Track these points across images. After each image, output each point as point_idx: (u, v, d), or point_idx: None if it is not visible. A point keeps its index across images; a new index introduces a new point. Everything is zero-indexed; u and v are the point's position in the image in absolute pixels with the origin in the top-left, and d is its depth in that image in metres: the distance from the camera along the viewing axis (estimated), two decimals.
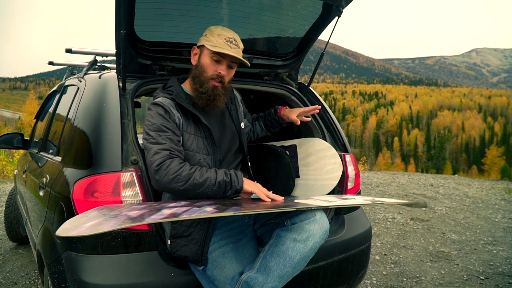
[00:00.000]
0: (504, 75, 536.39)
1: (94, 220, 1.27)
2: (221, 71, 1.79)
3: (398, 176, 9.68)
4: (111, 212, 1.36)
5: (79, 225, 1.23)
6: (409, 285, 3.17)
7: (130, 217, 1.26)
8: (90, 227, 1.19)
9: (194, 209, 1.34)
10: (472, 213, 5.70)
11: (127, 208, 1.42)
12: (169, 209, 1.35)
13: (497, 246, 4.23)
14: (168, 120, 1.71)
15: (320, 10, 2.27)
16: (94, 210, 1.46)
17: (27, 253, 3.87)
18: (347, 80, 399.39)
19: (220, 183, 1.60)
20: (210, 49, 1.75)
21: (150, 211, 1.34)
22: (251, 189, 1.63)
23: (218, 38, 1.76)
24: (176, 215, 1.26)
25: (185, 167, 1.60)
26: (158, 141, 1.65)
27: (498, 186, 8.43)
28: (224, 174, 1.63)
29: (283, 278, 1.47)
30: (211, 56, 1.77)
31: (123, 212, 1.34)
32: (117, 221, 1.21)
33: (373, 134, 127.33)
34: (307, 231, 1.49)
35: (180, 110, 1.77)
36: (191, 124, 1.79)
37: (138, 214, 1.30)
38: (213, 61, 1.78)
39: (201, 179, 1.59)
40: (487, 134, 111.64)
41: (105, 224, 1.18)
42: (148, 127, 1.70)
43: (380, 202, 1.60)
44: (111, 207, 1.48)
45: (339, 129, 2.44)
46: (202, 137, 1.79)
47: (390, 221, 5.11)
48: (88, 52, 2.56)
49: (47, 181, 2.10)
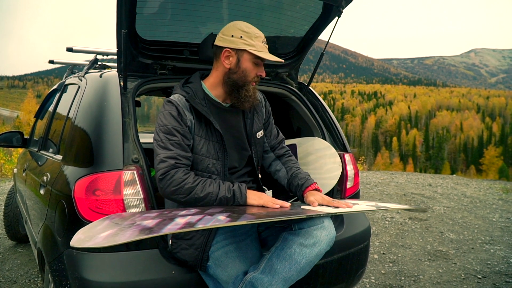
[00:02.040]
0: (502, 75, 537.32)
1: (108, 230, 1.26)
2: (261, 73, 1.79)
3: (396, 175, 9.71)
4: (125, 222, 1.35)
5: (93, 235, 1.22)
6: (407, 284, 3.19)
7: (145, 227, 1.25)
8: (107, 237, 1.18)
9: (207, 218, 1.33)
10: (470, 213, 5.72)
11: (139, 217, 1.40)
12: (182, 218, 1.35)
13: (495, 245, 4.25)
14: (180, 123, 1.68)
15: (320, 10, 2.29)
16: (106, 218, 1.45)
17: (27, 251, 3.88)
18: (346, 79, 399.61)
19: (222, 200, 1.60)
20: (254, 54, 1.72)
21: (163, 220, 1.32)
22: (257, 203, 1.61)
23: (257, 41, 1.72)
24: (192, 224, 1.24)
25: (188, 180, 1.59)
26: (166, 146, 1.64)
27: (496, 186, 8.46)
28: (227, 190, 1.61)
29: (287, 281, 1.47)
30: (253, 60, 1.75)
31: (137, 222, 1.32)
32: (133, 232, 1.19)
33: (372, 134, 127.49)
34: (314, 237, 1.50)
35: (193, 112, 1.74)
36: (203, 127, 1.75)
37: (153, 223, 1.28)
38: (254, 65, 1.76)
39: (202, 194, 1.59)
40: (485, 134, 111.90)
41: (122, 235, 1.17)
42: (159, 127, 1.68)
43: (384, 208, 1.62)
44: (122, 216, 1.46)
45: (339, 129, 2.46)
46: (214, 142, 1.76)
47: (388, 221, 5.13)
48: (89, 51, 2.57)
49: (48, 180, 2.11)
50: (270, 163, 2.06)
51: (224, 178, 1.77)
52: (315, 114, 2.49)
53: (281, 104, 2.61)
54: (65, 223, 1.72)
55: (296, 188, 1.87)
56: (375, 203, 1.83)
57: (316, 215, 1.51)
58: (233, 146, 1.85)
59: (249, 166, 1.94)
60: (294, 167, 1.96)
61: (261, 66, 1.79)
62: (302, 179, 1.86)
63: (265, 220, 1.36)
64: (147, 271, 1.61)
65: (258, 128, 1.95)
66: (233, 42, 1.72)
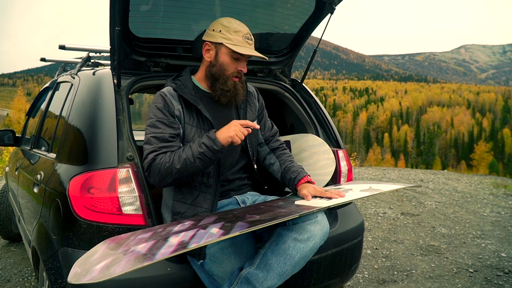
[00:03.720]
0: (492, 71, 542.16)
1: (104, 260, 1.26)
2: (242, 68, 1.80)
3: (388, 171, 9.78)
4: (119, 248, 1.35)
5: (89, 268, 1.22)
6: (400, 279, 3.22)
7: (140, 253, 1.25)
8: (102, 270, 1.19)
9: (201, 232, 1.34)
10: (461, 208, 5.79)
11: (133, 241, 1.40)
12: (176, 236, 1.35)
13: (486, 239, 4.31)
14: (164, 113, 1.74)
15: (313, 7, 2.30)
16: (101, 245, 1.45)
17: (20, 250, 3.85)
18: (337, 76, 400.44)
19: (200, 158, 1.61)
20: (231, 49, 1.74)
21: (157, 242, 1.32)
22: (227, 134, 1.60)
23: (237, 36, 1.74)
24: (185, 244, 1.26)
25: (164, 160, 1.64)
26: (149, 141, 1.71)
27: (486, 181, 8.56)
28: (198, 146, 1.62)
29: (282, 276, 1.49)
30: (231, 54, 1.77)
31: (131, 248, 1.32)
32: (127, 262, 1.20)
33: (364, 130, 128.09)
34: (308, 232, 1.52)
35: (182, 102, 1.78)
36: (194, 116, 1.80)
37: (147, 248, 1.29)
38: (233, 59, 1.78)
39: (180, 164, 1.62)
40: (475, 129, 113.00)
41: (117, 266, 1.18)
42: (147, 121, 1.76)
43: (378, 192, 1.63)
44: (117, 241, 1.45)
45: (332, 125, 2.47)
46: (205, 130, 1.79)
47: (381, 216, 5.17)
48: (81, 49, 2.55)
49: (41, 178, 2.10)
50: (264, 156, 2.08)
51: (217, 166, 1.80)
52: (309, 111, 2.50)
53: (274, 101, 2.62)
54: (60, 221, 1.72)
55: (289, 182, 1.90)
56: (369, 186, 1.84)
57: (310, 212, 1.52)
58: None
59: (244, 159, 1.97)
60: (287, 161, 1.98)
61: (242, 61, 1.80)
62: (294, 172, 1.89)
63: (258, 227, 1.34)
64: (143, 268, 1.60)
65: (251, 119, 1.98)
66: (213, 36, 1.79)
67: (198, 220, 1.55)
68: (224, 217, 1.51)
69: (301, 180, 1.84)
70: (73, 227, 1.64)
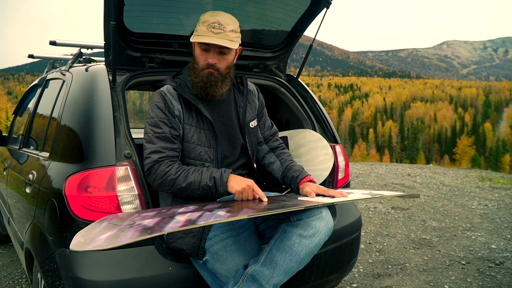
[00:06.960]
0: (473, 66, 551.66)
1: (108, 231, 1.22)
2: (210, 59, 1.73)
3: (376, 166, 9.85)
4: (124, 222, 1.32)
5: (93, 238, 1.19)
6: (394, 272, 3.24)
7: (146, 226, 1.23)
8: (107, 239, 1.15)
9: (207, 214, 1.33)
10: (450, 201, 5.86)
11: (138, 217, 1.38)
12: (182, 215, 1.33)
13: (475, 232, 4.37)
14: (166, 113, 1.71)
15: (309, 1, 2.27)
16: (103, 220, 1.42)
17: (8, 252, 3.76)
18: (322, 72, 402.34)
19: (204, 188, 1.62)
20: (195, 40, 1.74)
21: (163, 219, 1.30)
22: (236, 190, 1.59)
23: (202, 26, 1.70)
24: (193, 221, 1.23)
25: (171, 171, 1.63)
26: (151, 140, 1.68)
27: (471, 174, 8.69)
28: (208, 178, 1.61)
29: (288, 272, 1.48)
30: (199, 46, 1.74)
31: (137, 222, 1.30)
32: (134, 232, 1.17)
33: (349, 126, 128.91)
34: (313, 228, 1.50)
35: (182, 101, 1.76)
36: (193, 115, 1.77)
37: (153, 222, 1.26)
38: (202, 51, 1.74)
39: (184, 184, 1.62)
40: (458, 124, 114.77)
41: (123, 236, 1.14)
42: (147, 120, 1.73)
43: (379, 196, 1.64)
44: (120, 216, 1.43)
45: (328, 120, 2.46)
46: (205, 129, 1.77)
47: (372, 211, 5.21)
48: (73, 44, 2.49)
49: (34, 178, 2.04)
50: (263, 155, 2.06)
51: (217, 165, 1.79)
52: (305, 106, 2.49)
53: (270, 96, 2.60)
54: (56, 222, 1.67)
55: (291, 180, 1.88)
56: (369, 191, 1.84)
57: (315, 206, 1.51)
58: (225, 134, 1.85)
59: (244, 157, 1.94)
60: (288, 160, 1.97)
61: (210, 52, 1.73)
62: (296, 171, 1.87)
63: (265, 214, 1.36)
64: (144, 268, 1.58)
65: (251, 118, 1.96)
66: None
67: (203, 205, 1.54)
68: (229, 205, 1.49)
69: (304, 179, 1.83)
70: (70, 227, 1.60)
